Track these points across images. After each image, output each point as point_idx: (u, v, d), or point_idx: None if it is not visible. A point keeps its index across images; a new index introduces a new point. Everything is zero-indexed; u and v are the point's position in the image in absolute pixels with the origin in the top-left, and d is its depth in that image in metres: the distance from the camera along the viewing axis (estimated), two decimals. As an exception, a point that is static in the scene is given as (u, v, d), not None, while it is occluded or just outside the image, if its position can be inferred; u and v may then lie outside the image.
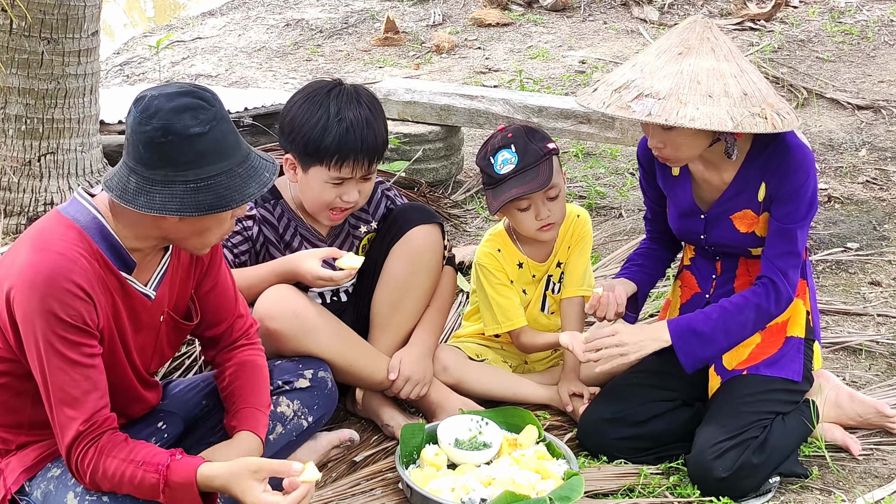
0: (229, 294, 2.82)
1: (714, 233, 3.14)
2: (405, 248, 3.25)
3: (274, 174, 2.47)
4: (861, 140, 6.01)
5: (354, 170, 3.07)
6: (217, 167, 2.38)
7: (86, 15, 4.49)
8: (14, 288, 2.38)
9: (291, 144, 3.09)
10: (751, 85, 2.89)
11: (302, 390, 2.98)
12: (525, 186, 3.15)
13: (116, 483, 2.43)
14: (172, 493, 2.41)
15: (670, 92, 2.84)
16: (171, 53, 7.88)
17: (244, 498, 2.41)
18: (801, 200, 2.99)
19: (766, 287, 3.02)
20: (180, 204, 2.36)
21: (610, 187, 5.37)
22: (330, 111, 3.04)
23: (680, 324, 3.05)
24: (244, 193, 2.40)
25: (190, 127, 2.35)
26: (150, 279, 2.59)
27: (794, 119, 2.93)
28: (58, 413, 2.41)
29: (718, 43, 2.92)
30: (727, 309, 3.04)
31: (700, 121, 2.80)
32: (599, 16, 8.45)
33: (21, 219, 4.64)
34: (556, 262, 3.43)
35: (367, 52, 7.89)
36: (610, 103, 2.90)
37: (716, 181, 3.10)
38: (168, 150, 2.35)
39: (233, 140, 2.42)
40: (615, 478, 3.04)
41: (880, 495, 3.01)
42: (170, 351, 2.78)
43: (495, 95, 5.34)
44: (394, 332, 3.28)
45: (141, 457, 2.43)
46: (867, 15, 8.20)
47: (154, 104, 2.36)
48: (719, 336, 3.03)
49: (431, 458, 2.97)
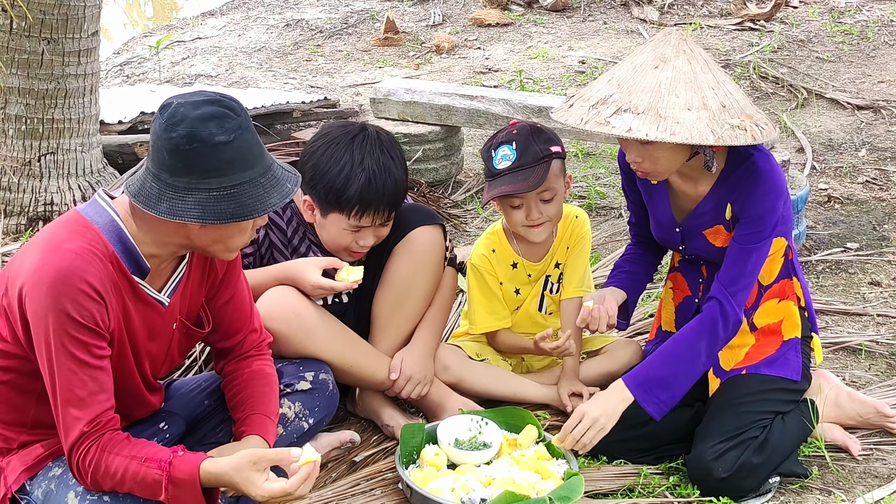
0: (245, 307, 2.82)
1: (691, 244, 3.16)
2: (407, 249, 3.26)
3: (296, 185, 2.48)
4: (861, 140, 6.01)
5: (374, 219, 3.08)
6: (241, 176, 2.38)
7: (86, 15, 4.50)
8: (27, 284, 2.38)
9: (313, 190, 3.09)
10: (728, 97, 2.86)
11: (303, 392, 2.98)
12: (514, 185, 3.16)
13: (118, 480, 2.43)
14: (175, 490, 2.41)
15: (649, 106, 2.80)
16: (171, 53, 7.88)
17: (248, 490, 2.42)
18: (763, 224, 2.97)
19: (713, 312, 3.01)
20: (202, 211, 2.37)
21: (610, 187, 5.37)
22: (354, 160, 3.04)
23: (636, 377, 3.04)
24: (266, 203, 2.41)
25: (215, 135, 2.35)
26: (164, 286, 2.59)
27: (772, 130, 2.90)
28: (63, 412, 2.41)
29: (694, 54, 2.89)
30: (677, 345, 3.03)
31: (681, 135, 2.77)
32: (599, 16, 8.45)
33: (21, 219, 4.64)
34: (554, 263, 3.43)
35: (367, 52, 7.90)
36: (588, 119, 2.87)
37: (691, 193, 3.09)
38: (193, 158, 2.35)
39: (257, 150, 2.42)
40: (615, 478, 3.04)
41: (880, 495, 3.01)
42: (179, 357, 2.79)
43: (495, 96, 5.34)
44: (395, 333, 3.28)
45: (143, 453, 2.43)
46: (867, 15, 8.20)
47: (180, 111, 2.37)
48: (676, 375, 3.02)
49: (431, 458, 2.97)
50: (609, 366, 3.43)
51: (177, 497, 2.43)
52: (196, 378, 2.99)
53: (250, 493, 2.42)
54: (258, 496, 2.43)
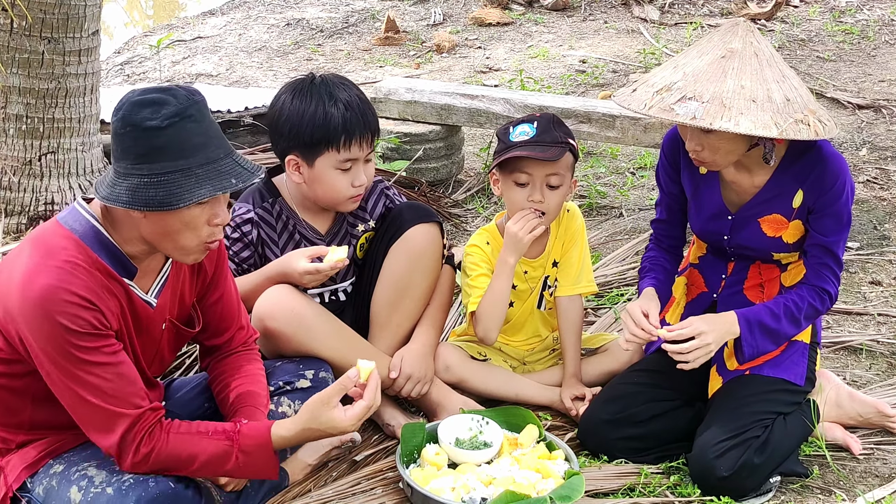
0: (234, 304, 2.83)
1: (739, 235, 3.12)
2: (405, 246, 3.25)
3: (246, 182, 2.43)
4: (861, 139, 6.01)
5: (361, 146, 3.09)
6: (173, 164, 2.36)
7: (86, 14, 4.50)
8: (17, 309, 2.38)
9: (293, 142, 3.10)
10: (793, 91, 2.87)
11: (303, 391, 2.98)
12: (531, 151, 3.14)
13: (185, 458, 2.46)
14: (246, 458, 2.46)
15: (714, 96, 2.81)
16: (172, 53, 7.88)
17: (336, 428, 2.53)
18: (840, 213, 3.00)
19: (816, 290, 3.04)
20: (131, 197, 2.36)
21: (610, 187, 5.37)
22: (323, 98, 3.07)
23: (748, 316, 3.03)
24: (195, 194, 2.37)
25: (146, 120, 2.35)
26: (150, 286, 2.59)
27: (833, 126, 2.91)
28: (101, 415, 2.41)
29: (761, 47, 2.90)
30: (787, 306, 3.04)
31: (745, 126, 2.77)
32: (600, 15, 8.44)
33: (21, 218, 4.64)
34: (551, 262, 3.41)
35: (368, 51, 7.89)
36: (652, 105, 2.87)
37: (746, 184, 3.07)
38: (127, 142, 2.37)
39: (199, 141, 2.39)
40: (616, 477, 3.04)
41: (881, 495, 3.01)
42: (170, 356, 2.79)
43: (496, 95, 5.34)
44: (393, 332, 3.28)
45: (205, 427, 2.48)
46: (868, 14, 8.20)
47: (125, 98, 2.40)
48: (778, 332, 3.03)
49: (432, 458, 2.97)
50: (609, 364, 3.43)
51: (247, 464, 2.48)
52: (196, 378, 2.99)
53: (339, 429, 2.53)
54: (348, 428, 2.54)
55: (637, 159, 5.69)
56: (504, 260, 3.26)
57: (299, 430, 2.53)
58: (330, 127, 3.05)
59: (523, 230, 3.20)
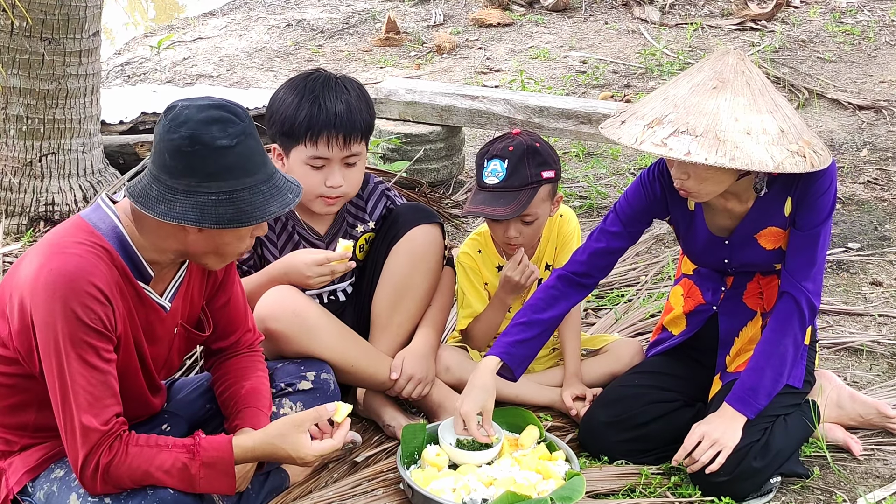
0: (241, 307, 2.83)
1: (740, 255, 3.08)
2: (405, 247, 3.25)
3: (298, 196, 2.47)
4: (862, 140, 6.01)
5: (330, 146, 3.06)
6: (241, 182, 2.38)
7: (87, 15, 4.50)
8: (33, 290, 2.37)
9: (272, 129, 3.13)
10: (786, 121, 2.82)
11: (305, 392, 2.98)
12: (493, 209, 3.15)
13: (142, 473, 2.42)
14: (207, 472, 2.42)
15: (707, 129, 2.73)
16: (173, 54, 7.89)
17: (297, 453, 2.47)
18: (823, 205, 2.94)
19: (788, 307, 2.95)
20: (200, 215, 2.36)
21: (611, 187, 5.37)
22: (304, 92, 3.07)
23: (736, 395, 2.95)
24: (265, 211, 2.40)
25: (217, 139, 2.35)
26: (165, 290, 2.59)
27: (827, 156, 2.85)
28: (75, 419, 2.39)
29: (752, 76, 2.83)
30: (765, 351, 2.96)
31: (741, 160, 2.70)
32: (601, 16, 8.45)
33: (22, 219, 4.64)
34: (543, 265, 3.41)
35: (369, 52, 7.90)
36: (643, 139, 2.79)
37: (736, 209, 3.03)
38: (193, 160, 2.35)
39: (259, 158, 2.42)
40: (616, 478, 3.04)
41: (881, 495, 3.01)
42: (178, 361, 2.79)
43: (496, 96, 5.34)
44: (394, 333, 3.28)
45: (165, 441, 2.45)
46: (868, 15, 8.20)
47: (184, 113, 2.37)
48: (771, 378, 2.95)
49: (433, 459, 2.97)
50: (610, 365, 3.43)
51: (208, 478, 2.44)
52: (197, 378, 2.99)
53: (300, 455, 2.48)
54: (308, 457, 2.49)
55: (637, 160, 5.69)
56: (501, 299, 3.33)
57: (263, 444, 2.49)
58: (296, 121, 3.05)
59: (522, 276, 3.24)
